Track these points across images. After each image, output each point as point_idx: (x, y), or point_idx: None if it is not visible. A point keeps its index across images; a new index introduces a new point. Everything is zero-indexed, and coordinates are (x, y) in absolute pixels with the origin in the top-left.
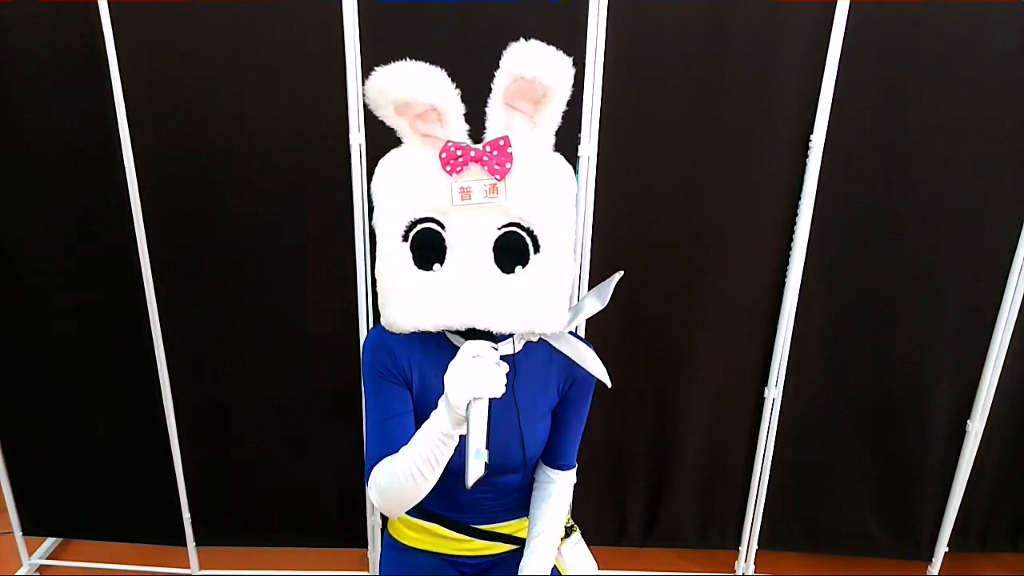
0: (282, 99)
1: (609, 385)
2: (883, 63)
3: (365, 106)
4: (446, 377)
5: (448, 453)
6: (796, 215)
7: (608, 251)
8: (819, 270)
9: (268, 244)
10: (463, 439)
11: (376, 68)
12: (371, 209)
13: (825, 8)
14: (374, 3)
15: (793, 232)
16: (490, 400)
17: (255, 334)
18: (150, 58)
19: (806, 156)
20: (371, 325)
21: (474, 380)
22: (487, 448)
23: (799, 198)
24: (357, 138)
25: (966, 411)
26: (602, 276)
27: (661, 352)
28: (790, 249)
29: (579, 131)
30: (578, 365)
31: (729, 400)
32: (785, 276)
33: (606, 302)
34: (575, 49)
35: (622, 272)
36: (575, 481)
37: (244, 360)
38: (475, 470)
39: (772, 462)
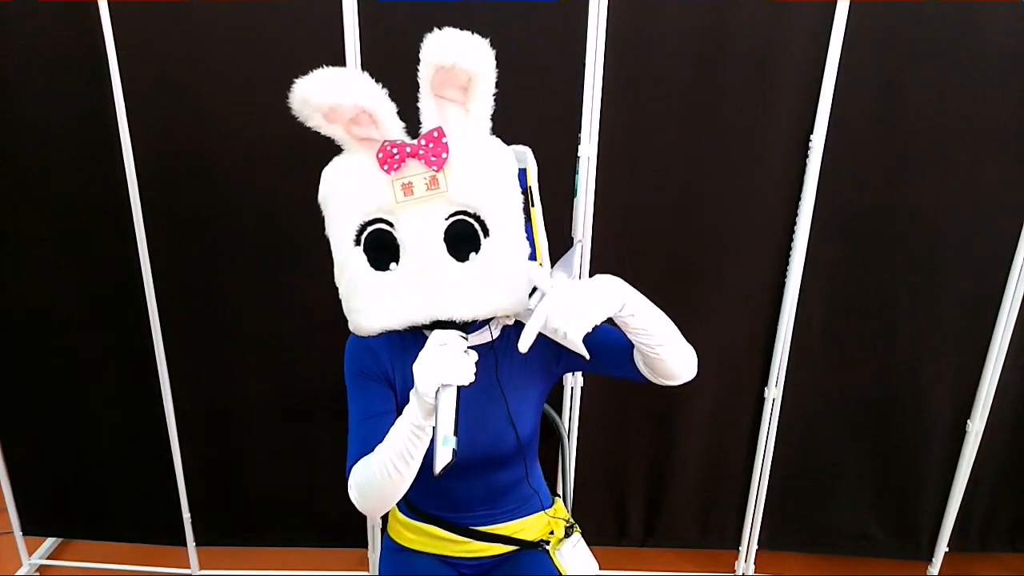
0: (282, 99)
1: (587, 357)
2: (883, 63)
3: None
4: (414, 366)
5: (422, 446)
6: (796, 214)
7: (608, 251)
8: (819, 270)
9: (268, 244)
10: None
11: (379, 68)
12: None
13: (825, 8)
14: (374, 3)
15: (793, 232)
16: (458, 388)
17: (255, 334)
18: (150, 58)
19: (806, 156)
20: None
21: (441, 368)
22: (455, 435)
23: (799, 198)
24: None
25: (966, 411)
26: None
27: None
28: (790, 249)
29: (579, 131)
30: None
31: (729, 400)
32: (785, 276)
33: (574, 274)
34: (575, 49)
35: (582, 242)
36: None
37: (244, 360)
38: (443, 456)
39: (772, 462)
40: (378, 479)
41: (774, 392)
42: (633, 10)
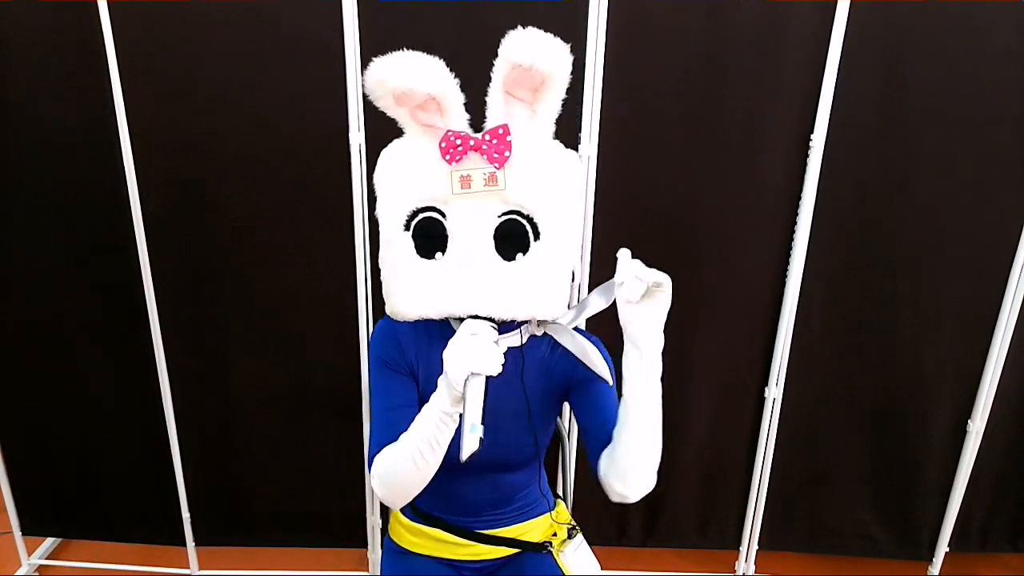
0: (282, 98)
1: (611, 384)
2: (883, 63)
3: (365, 103)
4: (445, 354)
5: (449, 433)
6: (796, 214)
7: (608, 251)
8: (819, 270)
9: (268, 243)
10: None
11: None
12: (373, 200)
13: (825, 8)
14: (374, 3)
15: (793, 232)
16: (487, 378)
17: (255, 333)
18: (150, 58)
19: (806, 156)
20: (371, 324)
21: (471, 356)
22: (482, 424)
23: (799, 198)
24: (357, 137)
25: (966, 411)
26: (602, 276)
27: (661, 352)
28: (790, 249)
29: (579, 131)
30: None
31: (729, 400)
32: (785, 276)
33: (611, 301)
34: (575, 49)
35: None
36: None
37: (244, 360)
38: (470, 444)
39: (772, 462)
40: (404, 467)
41: (774, 392)
42: (633, 10)
